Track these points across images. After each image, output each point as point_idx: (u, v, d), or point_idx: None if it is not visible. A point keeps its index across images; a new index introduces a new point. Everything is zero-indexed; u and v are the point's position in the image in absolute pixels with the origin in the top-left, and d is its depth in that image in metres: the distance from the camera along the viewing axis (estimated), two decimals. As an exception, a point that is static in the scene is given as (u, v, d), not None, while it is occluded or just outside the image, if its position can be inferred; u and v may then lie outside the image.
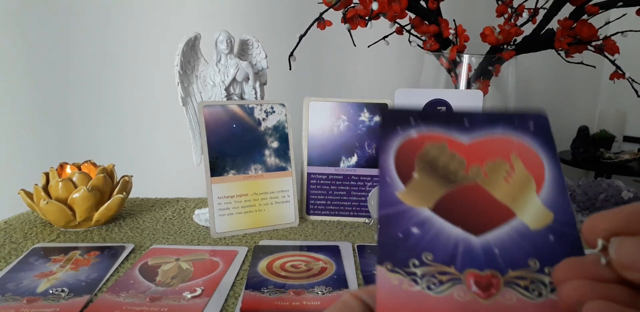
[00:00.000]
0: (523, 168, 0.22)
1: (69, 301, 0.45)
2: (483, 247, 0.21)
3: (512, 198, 0.22)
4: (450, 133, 0.23)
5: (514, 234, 0.21)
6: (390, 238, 0.21)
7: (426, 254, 0.20)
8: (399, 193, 0.22)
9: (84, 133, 1.14)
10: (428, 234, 0.21)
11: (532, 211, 0.21)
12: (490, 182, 0.22)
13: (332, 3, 0.64)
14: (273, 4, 1.17)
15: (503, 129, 0.23)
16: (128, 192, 0.69)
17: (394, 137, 0.23)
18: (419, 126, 0.23)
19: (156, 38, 1.11)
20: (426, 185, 0.22)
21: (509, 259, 0.20)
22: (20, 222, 0.67)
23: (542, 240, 0.21)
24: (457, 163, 0.22)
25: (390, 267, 0.20)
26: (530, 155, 0.22)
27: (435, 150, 0.23)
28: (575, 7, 0.67)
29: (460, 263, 0.20)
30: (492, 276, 0.20)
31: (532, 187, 0.22)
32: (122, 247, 0.58)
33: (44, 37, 1.07)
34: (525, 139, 0.23)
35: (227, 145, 0.64)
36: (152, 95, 1.13)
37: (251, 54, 0.70)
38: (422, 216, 0.21)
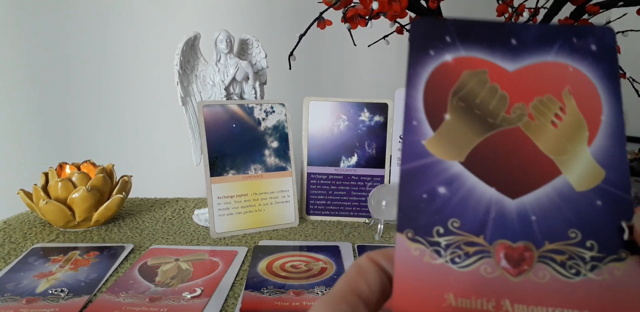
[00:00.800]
0: (576, 109, 0.18)
1: (69, 301, 0.45)
2: (519, 213, 0.18)
3: (558, 149, 0.18)
4: (494, 55, 0.19)
5: (555, 197, 0.18)
6: (413, 199, 0.18)
7: (453, 221, 0.18)
8: (426, 141, 0.18)
9: (83, 133, 1.14)
10: (457, 195, 0.18)
11: (580, 167, 0.18)
12: (535, 127, 0.18)
13: (332, 2, 0.64)
14: (273, 3, 1.17)
15: (558, 51, 0.19)
16: (127, 192, 0.69)
17: (424, 63, 0.19)
18: (456, 46, 0.19)
19: (156, 37, 1.10)
20: (459, 130, 0.19)
21: (547, 228, 0.18)
22: (20, 222, 0.67)
23: (587, 205, 0.18)
24: (498, 100, 0.19)
25: (412, 235, 0.18)
26: (587, 90, 0.19)
27: (473, 81, 0.19)
28: (575, 7, 0.67)
29: (490, 232, 0.18)
30: (526, 248, 0.17)
31: (584, 135, 0.18)
32: (121, 247, 0.58)
33: (44, 37, 1.07)
34: (585, 66, 0.19)
35: (227, 145, 0.64)
36: (151, 95, 1.13)
37: (251, 54, 0.70)
38: (452, 172, 0.18)
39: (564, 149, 0.18)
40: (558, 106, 0.19)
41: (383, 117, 0.70)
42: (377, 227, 0.66)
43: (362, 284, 0.18)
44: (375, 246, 0.59)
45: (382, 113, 0.70)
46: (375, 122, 0.70)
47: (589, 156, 0.18)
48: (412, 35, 0.19)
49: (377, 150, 0.70)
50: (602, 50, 0.19)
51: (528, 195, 0.18)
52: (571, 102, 0.18)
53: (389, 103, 0.70)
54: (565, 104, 0.18)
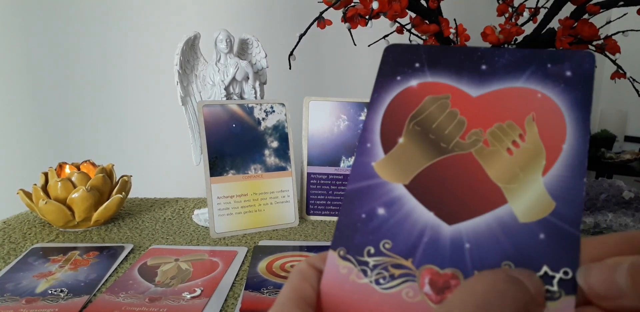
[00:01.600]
0: (537, 137, 0.18)
1: (68, 301, 0.45)
2: (452, 239, 0.17)
3: (509, 177, 0.18)
4: (460, 80, 0.19)
5: (495, 226, 0.17)
6: (352, 219, 0.18)
7: (385, 242, 0.18)
8: (375, 163, 0.19)
9: (82, 133, 1.14)
10: (394, 217, 0.18)
11: (529, 197, 0.17)
12: (488, 154, 0.18)
13: (332, 2, 0.64)
14: (273, 3, 1.17)
15: (530, 76, 0.18)
16: (127, 192, 0.69)
17: (389, 88, 0.19)
18: (424, 71, 0.19)
19: (156, 37, 1.10)
20: (410, 153, 0.19)
21: (479, 258, 0.17)
22: (19, 222, 0.67)
23: (528, 238, 0.17)
24: (455, 125, 0.18)
25: (343, 253, 0.18)
26: (553, 117, 0.18)
27: (434, 106, 0.19)
28: (576, 7, 0.67)
29: (420, 256, 0.17)
30: (453, 276, 0.17)
31: (540, 164, 0.17)
32: (121, 247, 0.58)
33: (44, 37, 1.07)
34: (555, 93, 0.18)
35: (227, 145, 0.64)
36: (151, 95, 1.13)
37: (251, 54, 0.70)
38: (394, 194, 0.18)
39: (515, 177, 0.17)
40: (518, 133, 0.18)
41: (383, 117, 0.70)
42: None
43: (307, 290, 0.18)
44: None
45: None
46: (375, 122, 0.70)
47: (541, 185, 0.17)
48: (383, 61, 0.20)
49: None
50: (578, 77, 0.18)
51: (466, 222, 0.17)
52: (533, 130, 0.18)
53: (389, 103, 0.70)
54: (526, 131, 0.18)
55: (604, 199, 0.67)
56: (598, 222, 0.62)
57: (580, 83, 0.18)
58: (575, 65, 0.18)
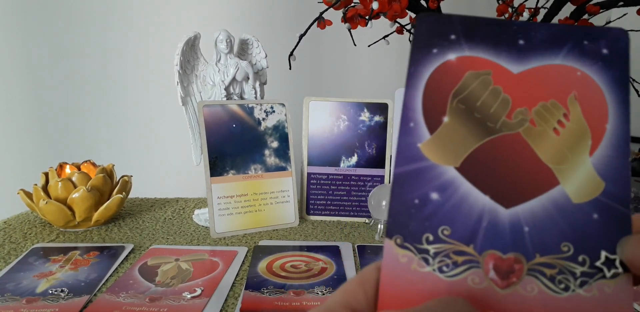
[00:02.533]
0: (581, 116, 0.17)
1: (69, 301, 0.45)
2: (511, 223, 0.17)
3: (558, 158, 0.17)
4: (499, 55, 0.18)
5: (551, 208, 0.17)
6: (404, 204, 0.17)
7: (443, 228, 0.17)
8: (422, 145, 0.18)
9: (83, 133, 1.14)
10: (449, 201, 0.17)
11: (579, 178, 0.17)
12: (536, 134, 0.18)
13: (332, 2, 0.64)
14: (273, 3, 1.17)
15: (567, 53, 0.18)
16: (127, 192, 0.69)
17: (426, 62, 0.18)
18: (461, 44, 0.18)
19: (156, 37, 1.10)
20: (457, 134, 0.18)
21: (539, 240, 0.17)
22: (20, 222, 0.67)
23: (583, 218, 0.17)
24: (500, 103, 0.18)
25: (400, 241, 0.17)
26: (594, 96, 0.17)
27: (476, 82, 0.18)
28: (575, 7, 0.67)
29: (481, 242, 0.17)
30: (516, 260, 0.17)
31: (587, 144, 0.17)
32: (121, 247, 0.58)
33: (44, 37, 1.07)
34: (594, 71, 0.18)
35: (227, 145, 0.64)
36: (151, 95, 1.13)
37: (251, 54, 0.70)
38: (446, 177, 0.18)
39: (564, 158, 0.17)
40: (562, 112, 0.18)
41: (383, 117, 0.70)
42: (377, 227, 0.66)
43: (359, 295, 0.17)
44: (375, 246, 0.59)
45: (382, 113, 0.70)
46: (375, 122, 0.70)
47: (589, 166, 0.17)
48: (417, 32, 0.18)
49: (377, 150, 0.70)
50: (614, 55, 0.18)
51: (523, 205, 0.17)
52: (576, 109, 0.18)
53: (389, 103, 0.70)
54: (570, 111, 0.18)
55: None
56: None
57: (617, 61, 0.18)
58: (611, 43, 0.18)
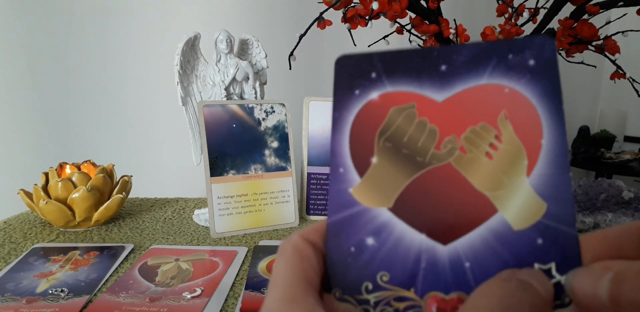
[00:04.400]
0: (513, 135, 0.16)
1: (69, 301, 0.45)
2: (451, 260, 0.16)
3: (494, 184, 0.16)
4: (422, 86, 0.17)
5: (491, 238, 0.16)
6: (341, 254, 0.17)
7: (382, 274, 0.16)
8: (353, 189, 0.17)
9: (83, 133, 1.14)
10: (385, 245, 0.17)
11: (518, 202, 0.16)
12: (467, 161, 0.17)
13: (332, 2, 0.64)
14: (273, 3, 1.17)
15: (492, 71, 0.17)
16: (127, 192, 0.69)
17: (349, 105, 0.18)
18: (382, 81, 0.18)
19: (156, 38, 1.10)
20: (387, 173, 0.17)
21: (482, 275, 0.16)
22: (20, 222, 0.67)
23: (527, 245, 0.16)
24: (427, 135, 0.17)
25: (339, 294, 0.16)
26: (525, 112, 0.16)
27: (400, 117, 0.17)
28: (575, 7, 0.67)
29: (421, 284, 0.16)
30: (459, 300, 0.16)
31: (523, 165, 0.16)
32: (121, 247, 0.58)
33: (44, 37, 1.07)
34: (522, 85, 0.17)
35: (227, 145, 0.64)
36: (151, 95, 1.13)
37: (251, 54, 0.70)
38: (380, 220, 0.17)
39: (500, 182, 0.16)
40: (493, 134, 0.16)
41: (383, 117, 0.70)
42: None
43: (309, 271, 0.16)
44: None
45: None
46: (375, 122, 0.70)
47: (528, 187, 0.16)
48: (337, 75, 0.18)
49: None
50: (541, 65, 0.16)
51: (461, 239, 0.16)
52: (508, 128, 0.16)
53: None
54: (501, 131, 0.16)
55: (603, 199, 0.67)
56: (598, 222, 0.62)
57: (545, 71, 0.16)
58: (537, 53, 0.17)
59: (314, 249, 0.17)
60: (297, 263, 0.16)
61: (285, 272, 0.16)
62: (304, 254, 0.17)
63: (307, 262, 0.16)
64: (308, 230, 0.18)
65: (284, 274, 0.16)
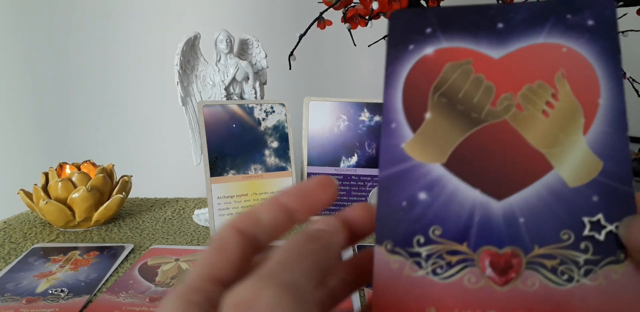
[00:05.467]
0: (570, 94, 0.16)
1: (69, 301, 0.45)
2: (505, 215, 0.16)
3: (550, 141, 0.16)
4: (478, 42, 0.17)
5: (546, 195, 0.16)
6: (392, 208, 0.17)
7: (434, 228, 0.16)
8: (405, 144, 0.17)
9: (83, 133, 1.14)
10: (438, 200, 0.17)
11: (574, 160, 0.16)
12: (523, 119, 0.17)
13: (332, 2, 0.64)
14: (273, 3, 1.17)
15: (550, 30, 0.17)
16: (127, 192, 0.69)
17: (403, 60, 0.18)
18: (438, 37, 0.17)
19: (156, 37, 1.10)
20: (441, 129, 0.17)
21: (537, 231, 0.16)
22: (20, 222, 0.67)
23: (582, 202, 0.16)
24: (483, 91, 0.17)
25: (391, 247, 0.17)
26: (583, 71, 0.16)
27: (456, 73, 0.17)
28: (575, 7, 0.67)
29: (474, 239, 0.16)
30: (513, 254, 0.16)
31: (579, 123, 0.16)
32: (121, 247, 0.58)
33: (44, 37, 1.07)
34: (580, 44, 0.17)
35: (227, 145, 0.64)
36: (151, 95, 1.13)
37: (251, 54, 0.70)
38: (433, 175, 0.17)
39: (556, 140, 0.16)
40: (550, 93, 0.17)
41: (383, 117, 0.70)
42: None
43: (221, 263, 0.16)
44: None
45: (382, 113, 0.70)
46: (375, 122, 0.70)
47: (584, 145, 0.16)
48: (391, 30, 0.18)
49: (377, 150, 0.70)
50: (601, 25, 0.16)
51: (516, 195, 0.16)
52: (565, 87, 0.17)
53: (389, 103, 0.70)
54: (558, 90, 0.17)
55: (603, 199, 0.67)
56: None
57: (604, 31, 0.17)
58: (596, 13, 0.17)
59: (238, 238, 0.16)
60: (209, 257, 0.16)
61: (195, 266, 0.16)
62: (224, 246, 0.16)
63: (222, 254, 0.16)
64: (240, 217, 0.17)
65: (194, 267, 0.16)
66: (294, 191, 0.18)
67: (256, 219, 0.17)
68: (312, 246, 0.15)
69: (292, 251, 0.15)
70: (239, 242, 0.16)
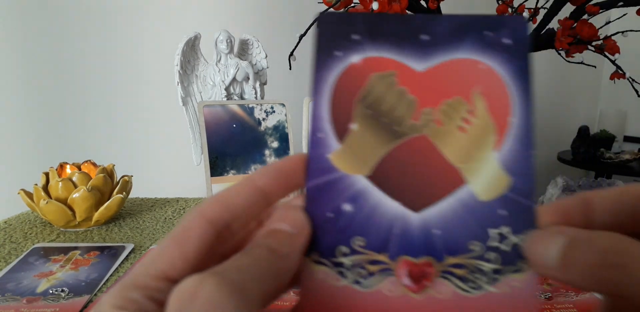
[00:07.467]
0: (486, 111, 0.17)
1: (69, 301, 0.45)
2: (422, 227, 0.17)
3: (464, 157, 0.17)
4: (403, 53, 0.17)
5: (459, 208, 0.17)
6: (318, 219, 0.17)
7: (357, 239, 0.17)
8: (332, 155, 0.17)
9: (83, 133, 1.14)
10: (362, 211, 0.17)
11: (485, 175, 0.17)
12: (441, 134, 0.17)
13: (332, 3, 0.64)
14: (273, 3, 1.17)
15: (471, 46, 0.17)
16: (128, 192, 0.69)
17: (331, 66, 0.18)
18: (364, 45, 0.17)
19: (156, 38, 1.11)
20: (366, 141, 0.17)
21: (449, 242, 0.17)
22: (20, 222, 0.67)
23: (491, 215, 0.17)
24: (405, 105, 0.17)
25: (316, 257, 0.17)
26: (498, 89, 0.17)
27: (381, 85, 0.17)
28: (575, 7, 0.67)
29: (393, 249, 0.17)
30: (427, 264, 0.17)
31: (492, 140, 0.17)
32: (122, 247, 0.58)
33: (44, 37, 1.07)
34: (497, 62, 0.17)
35: (227, 145, 0.64)
36: (152, 95, 1.13)
37: (251, 54, 0.70)
38: (357, 187, 0.17)
39: (470, 156, 0.17)
40: (467, 109, 0.17)
41: (383, 117, 0.70)
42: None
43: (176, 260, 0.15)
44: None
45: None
46: (375, 122, 0.70)
47: (495, 162, 0.17)
48: (318, 34, 0.18)
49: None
50: (517, 44, 0.17)
51: (431, 208, 0.17)
52: (481, 104, 0.17)
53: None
54: (475, 106, 0.17)
55: (603, 199, 0.67)
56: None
57: (519, 51, 0.17)
58: (512, 32, 0.17)
59: (205, 229, 0.16)
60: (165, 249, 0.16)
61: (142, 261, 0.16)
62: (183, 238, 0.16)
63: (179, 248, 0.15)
64: (210, 205, 0.16)
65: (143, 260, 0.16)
66: (270, 172, 0.17)
67: (229, 205, 0.16)
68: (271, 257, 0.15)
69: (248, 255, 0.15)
70: (204, 234, 0.16)
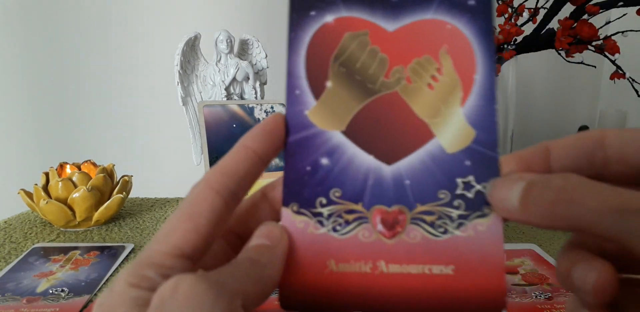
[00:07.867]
0: (452, 69, 0.18)
1: (69, 301, 0.45)
2: (394, 178, 0.18)
3: (433, 112, 0.18)
4: (375, 14, 0.18)
5: (428, 160, 0.18)
6: (298, 173, 0.18)
7: (335, 191, 0.18)
8: (309, 112, 0.18)
9: (83, 133, 1.14)
10: (338, 165, 0.18)
11: (452, 129, 0.18)
12: (411, 91, 0.18)
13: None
14: (273, 3, 1.17)
15: (438, 7, 0.18)
16: (128, 192, 0.69)
17: (305, 25, 0.18)
18: (338, 5, 0.18)
19: (156, 38, 1.11)
20: (341, 98, 0.18)
21: (419, 191, 0.18)
22: (20, 222, 0.67)
23: (457, 166, 0.18)
24: (378, 63, 0.18)
25: (296, 208, 0.18)
26: (463, 48, 0.18)
27: (354, 44, 0.18)
28: (575, 7, 0.67)
29: (368, 199, 0.18)
30: (399, 212, 0.18)
31: (458, 96, 0.18)
32: (122, 247, 0.58)
33: (44, 36, 1.07)
34: (462, 23, 0.18)
35: (227, 145, 0.64)
36: (152, 95, 1.13)
37: (251, 54, 0.70)
38: (334, 142, 0.18)
39: (438, 111, 0.18)
40: (435, 67, 0.18)
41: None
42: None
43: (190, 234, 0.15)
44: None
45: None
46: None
47: (461, 116, 0.18)
48: None
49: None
50: (480, 5, 0.18)
51: (403, 160, 0.18)
52: (448, 62, 0.18)
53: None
54: (442, 65, 0.18)
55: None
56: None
57: (483, 12, 0.18)
58: None
59: (215, 200, 0.16)
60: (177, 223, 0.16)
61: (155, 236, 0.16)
62: (195, 210, 0.16)
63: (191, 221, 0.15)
64: (214, 175, 0.17)
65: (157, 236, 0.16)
66: (259, 134, 0.18)
67: (231, 174, 0.17)
68: (251, 265, 0.16)
69: (230, 264, 0.15)
70: (214, 205, 0.16)
